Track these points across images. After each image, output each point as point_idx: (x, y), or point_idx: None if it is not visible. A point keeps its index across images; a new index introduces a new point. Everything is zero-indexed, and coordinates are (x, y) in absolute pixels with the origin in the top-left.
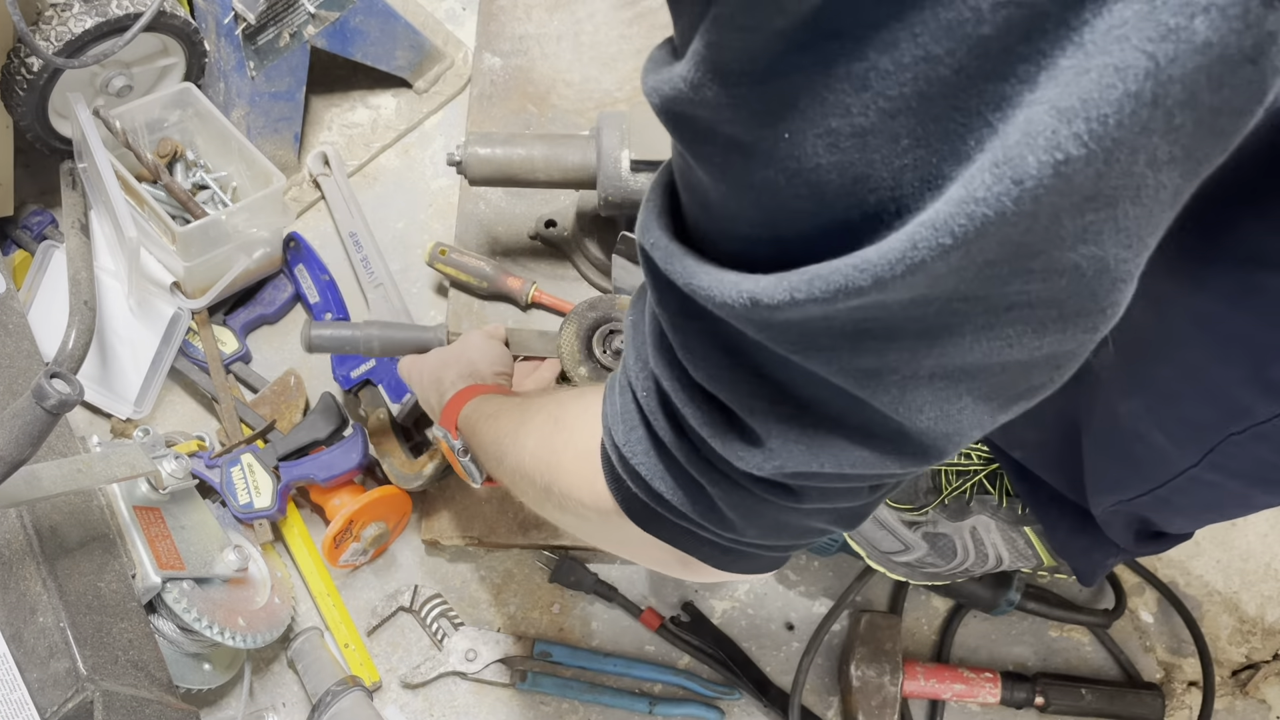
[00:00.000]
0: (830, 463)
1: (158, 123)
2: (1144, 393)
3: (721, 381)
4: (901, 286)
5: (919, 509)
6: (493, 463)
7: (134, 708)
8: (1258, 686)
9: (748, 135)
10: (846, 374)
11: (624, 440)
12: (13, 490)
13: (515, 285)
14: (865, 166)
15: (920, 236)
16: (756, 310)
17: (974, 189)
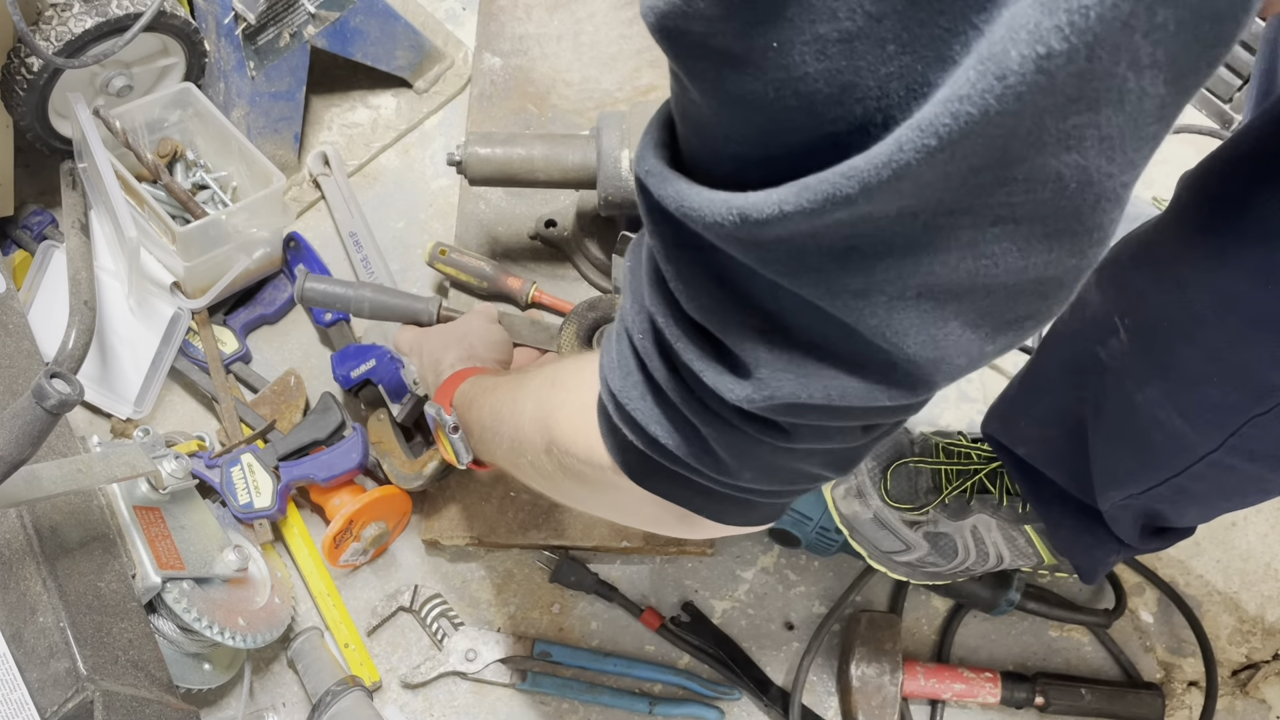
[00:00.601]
0: (819, 393)
1: (158, 123)
2: (1163, 378)
3: (712, 312)
4: (889, 194)
5: (920, 508)
6: (488, 436)
7: (134, 708)
8: (1258, 686)
9: (738, 46)
10: (834, 295)
11: (620, 386)
12: (13, 490)
13: (515, 285)
14: (852, 74)
15: (906, 139)
16: (745, 227)
17: (958, 88)
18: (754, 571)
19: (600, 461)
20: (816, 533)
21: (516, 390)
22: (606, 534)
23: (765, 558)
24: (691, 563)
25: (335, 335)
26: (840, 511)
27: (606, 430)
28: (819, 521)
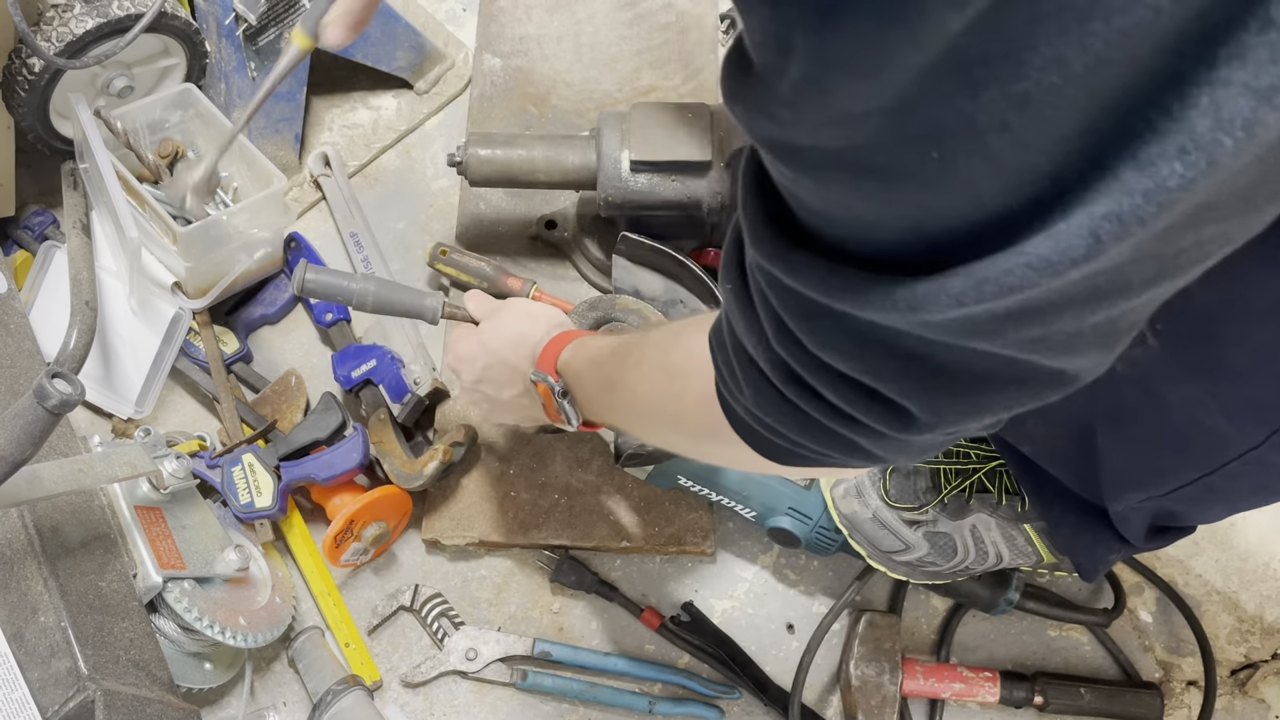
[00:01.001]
0: (987, 416)
1: (159, 123)
2: (1205, 376)
3: (865, 369)
4: (1079, 276)
5: (919, 508)
6: (601, 405)
7: (135, 707)
8: (1256, 686)
9: (886, 159)
10: (1009, 346)
11: (753, 402)
12: (14, 490)
13: (515, 285)
14: (1027, 168)
15: (1104, 230)
16: (913, 315)
17: (1162, 177)
18: (754, 571)
19: (734, 443)
20: (816, 532)
21: (624, 370)
22: (606, 534)
23: (765, 558)
24: (691, 563)
25: (336, 335)
26: (840, 511)
27: (741, 429)
28: (818, 521)
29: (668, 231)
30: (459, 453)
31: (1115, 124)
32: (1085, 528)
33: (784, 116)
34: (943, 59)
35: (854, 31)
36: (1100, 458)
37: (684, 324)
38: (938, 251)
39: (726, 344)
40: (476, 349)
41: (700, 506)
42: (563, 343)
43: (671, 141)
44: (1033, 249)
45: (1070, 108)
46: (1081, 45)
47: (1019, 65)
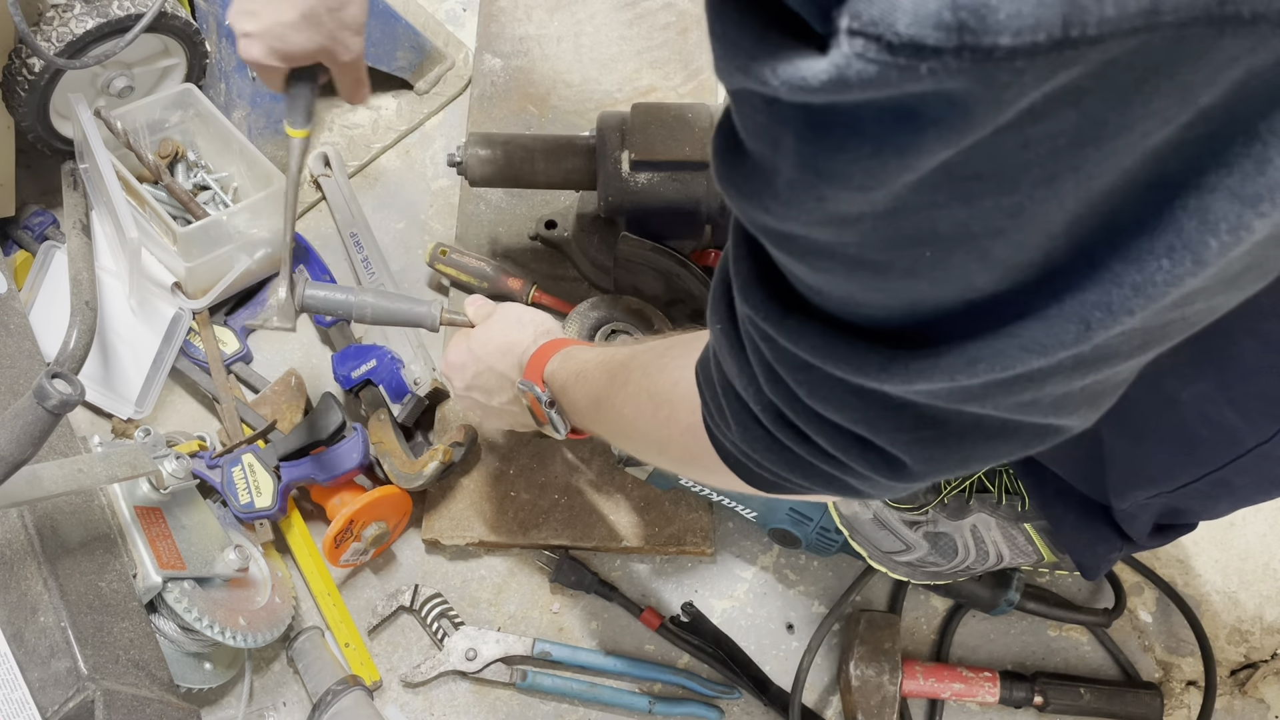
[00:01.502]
0: (978, 465)
1: (159, 123)
2: (1216, 373)
3: (859, 420)
4: (1071, 353)
5: (919, 508)
6: (588, 419)
7: (135, 707)
8: (1256, 686)
9: (879, 257)
10: (1000, 409)
11: (741, 439)
12: (14, 490)
13: (515, 285)
14: (1019, 262)
15: (1094, 318)
16: (908, 386)
17: (1150, 272)
18: (754, 571)
19: (721, 471)
20: (817, 533)
21: (610, 390)
22: (606, 534)
23: (765, 558)
24: (691, 563)
25: (336, 335)
26: (840, 512)
27: (728, 460)
28: (819, 522)
29: (667, 232)
30: (459, 453)
31: (1104, 220)
32: (1086, 526)
33: (776, 210)
34: (937, 173)
35: (850, 152)
36: (1106, 456)
37: (669, 345)
38: (930, 328)
39: (715, 381)
40: (466, 356)
41: (700, 506)
42: (549, 352)
43: (671, 141)
44: (1026, 332)
45: (1060, 211)
46: (1072, 166)
47: (1013, 181)
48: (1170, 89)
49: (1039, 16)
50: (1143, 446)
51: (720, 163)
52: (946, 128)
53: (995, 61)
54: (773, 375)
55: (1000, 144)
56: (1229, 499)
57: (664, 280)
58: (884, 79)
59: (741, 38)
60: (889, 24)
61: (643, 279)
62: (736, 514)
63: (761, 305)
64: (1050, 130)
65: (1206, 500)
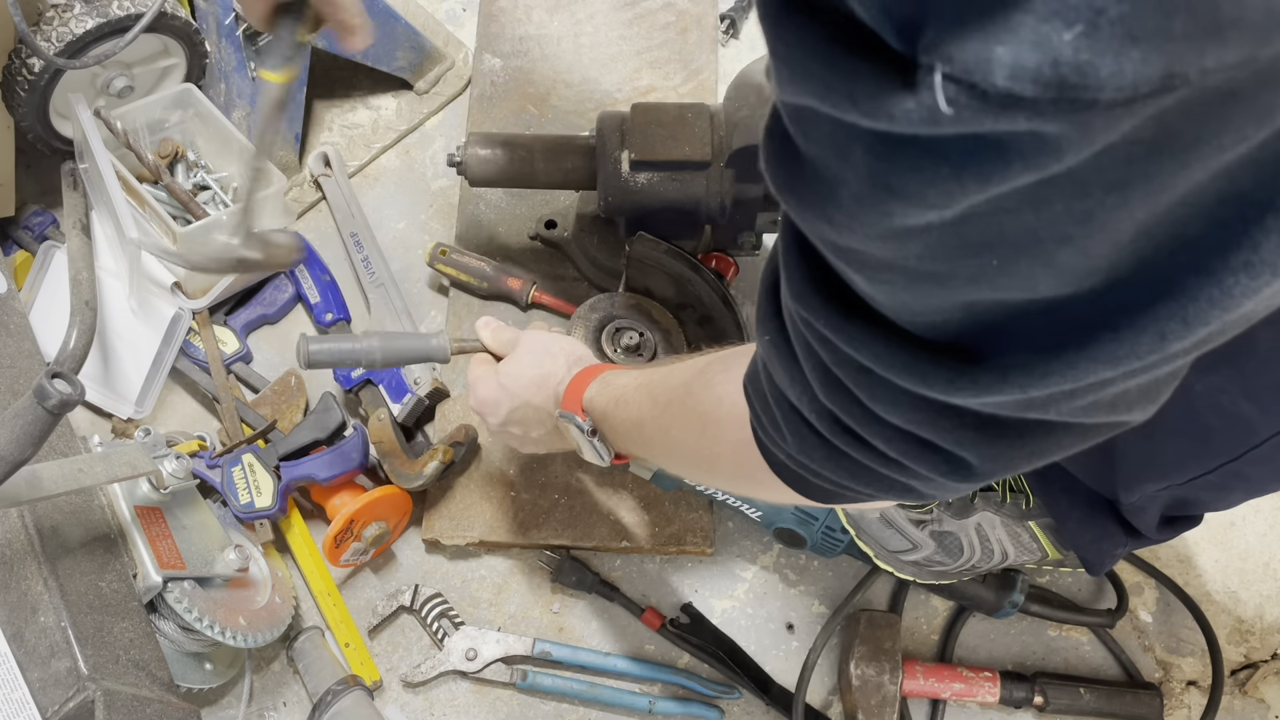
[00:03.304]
0: (1042, 462)
1: (159, 123)
2: (1231, 363)
3: (921, 423)
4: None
5: (924, 507)
6: (632, 443)
7: (135, 707)
8: (1256, 686)
9: (942, 268)
10: (1063, 415)
11: (797, 449)
12: (14, 490)
13: (515, 285)
14: (1085, 270)
15: (1170, 330)
16: (975, 399)
17: (1227, 286)
18: (754, 571)
19: (772, 485)
20: (822, 533)
21: (653, 413)
22: (607, 534)
23: (765, 558)
24: (692, 563)
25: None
26: (847, 511)
27: (782, 472)
28: (824, 521)
29: (667, 232)
30: (459, 453)
31: (1171, 231)
32: (1092, 522)
33: (839, 221)
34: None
35: (927, 174)
36: (1116, 449)
37: (709, 362)
38: (995, 339)
39: (766, 393)
40: (498, 393)
41: (700, 506)
42: (586, 380)
43: (671, 141)
44: (1095, 344)
45: (1129, 221)
46: (1145, 174)
47: (1085, 187)
48: (1250, 110)
49: (1140, 74)
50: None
51: (775, 168)
52: (1035, 162)
53: (1095, 112)
54: (829, 380)
55: (1080, 161)
56: (1242, 489)
57: (675, 284)
58: (975, 121)
59: (812, 63)
60: (985, 74)
61: (655, 280)
62: (737, 514)
63: (821, 310)
64: (1129, 139)
65: (1218, 491)
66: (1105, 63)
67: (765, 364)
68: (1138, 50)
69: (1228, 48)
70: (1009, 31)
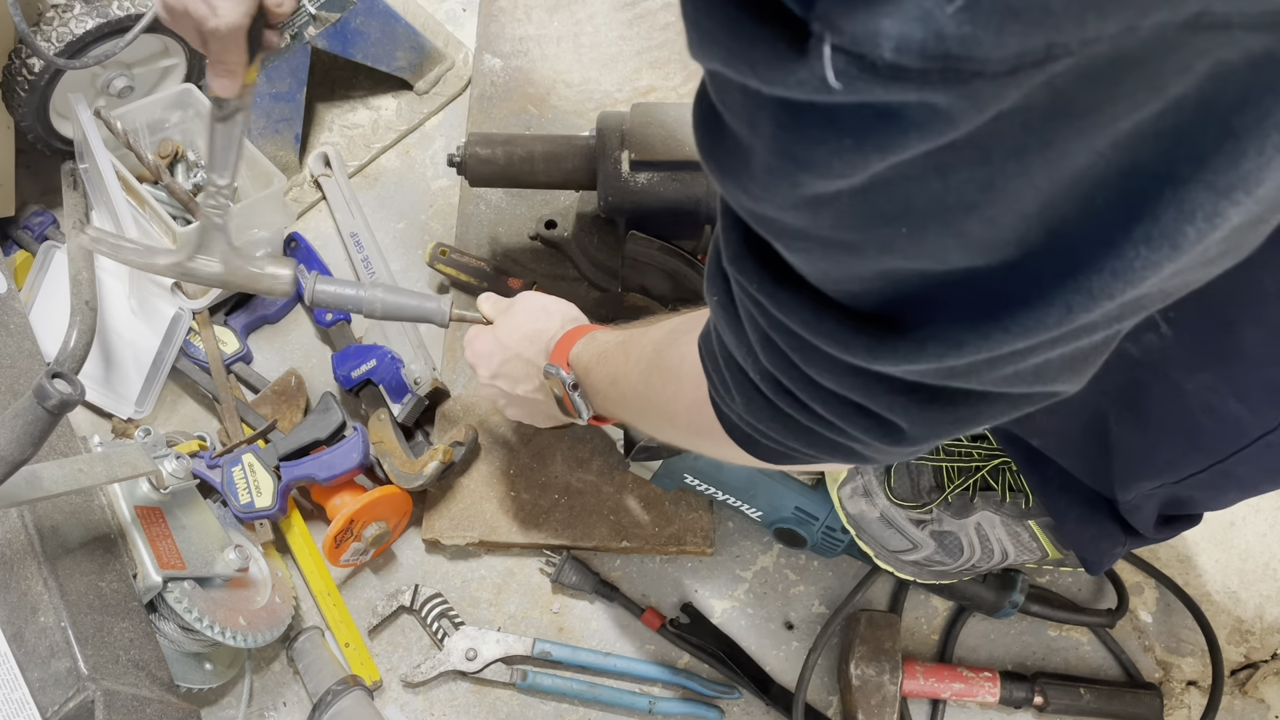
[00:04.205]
0: (973, 428)
1: (159, 123)
2: (1219, 362)
3: (853, 388)
4: (1052, 335)
5: (923, 506)
6: (608, 399)
7: (135, 707)
8: (1256, 686)
9: (854, 237)
10: (986, 384)
11: (745, 409)
12: (14, 490)
13: (515, 285)
14: (994, 241)
15: (1075, 302)
16: (896, 367)
17: (1128, 260)
18: (754, 571)
19: (724, 443)
20: (823, 533)
21: (626, 367)
22: (607, 534)
23: (765, 558)
24: (691, 562)
25: (336, 335)
26: (847, 511)
27: (732, 431)
28: (825, 521)
29: (667, 232)
30: (459, 453)
31: (1078, 204)
32: (1091, 521)
33: (753, 191)
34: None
35: (830, 144)
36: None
37: (680, 322)
38: (913, 309)
39: (716, 353)
40: (493, 345)
41: (700, 506)
42: (576, 336)
43: (671, 141)
44: (1008, 315)
45: (1031, 189)
46: (1043, 140)
47: (985, 153)
48: (1140, 75)
49: (1024, 45)
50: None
51: (702, 135)
52: (930, 130)
53: (981, 82)
54: (768, 343)
55: (977, 128)
56: (1235, 489)
57: (671, 280)
58: (867, 91)
59: (716, 28)
60: (872, 46)
61: (650, 278)
62: (737, 514)
63: (753, 275)
64: (1024, 105)
65: (1212, 490)
66: (987, 35)
67: (715, 326)
68: (1018, 23)
69: (1107, 18)
70: (894, 5)
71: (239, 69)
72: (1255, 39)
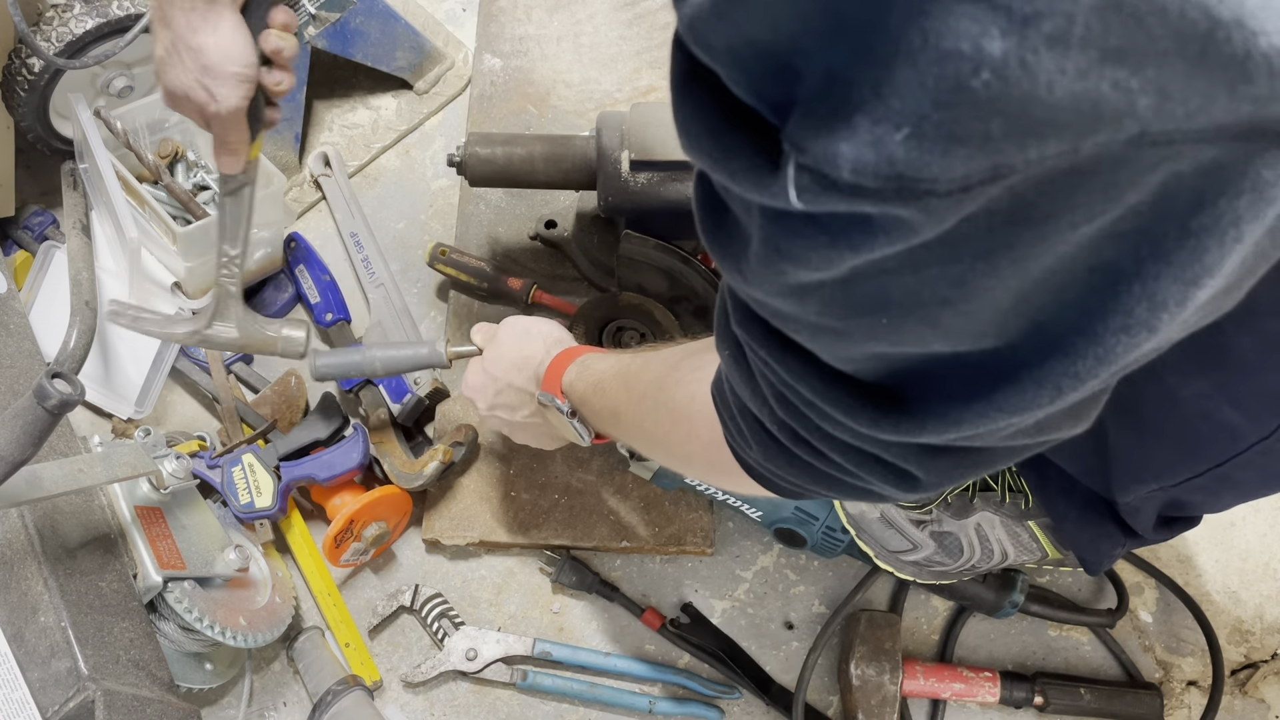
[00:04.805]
0: (987, 472)
1: (159, 123)
2: (1214, 370)
3: (868, 444)
4: (1046, 412)
5: (923, 507)
6: (609, 429)
7: (135, 707)
8: (1256, 686)
9: (837, 325)
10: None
11: (762, 456)
12: (14, 490)
13: (515, 286)
14: (971, 332)
15: (1065, 384)
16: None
17: (1109, 346)
18: (754, 571)
19: (743, 480)
20: (823, 533)
21: (628, 403)
22: (606, 534)
23: (765, 558)
24: (691, 562)
25: (336, 335)
26: (847, 512)
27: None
28: (825, 521)
29: (667, 232)
30: (459, 453)
31: (1052, 298)
32: (1090, 522)
33: (747, 275)
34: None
35: (807, 240)
36: (1110, 450)
37: (681, 357)
38: (910, 389)
39: (730, 404)
40: (483, 377)
41: (700, 506)
42: (565, 362)
43: (671, 141)
44: (1000, 396)
45: (1002, 288)
46: (1007, 243)
47: (955, 250)
48: (1094, 186)
49: (969, 167)
50: (1146, 441)
51: (704, 218)
52: (896, 236)
53: (935, 199)
54: (782, 399)
55: (945, 231)
56: (1232, 493)
57: (668, 278)
58: (833, 204)
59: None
60: (832, 167)
61: (646, 277)
62: (737, 514)
63: (761, 340)
64: (987, 210)
65: (1210, 494)
66: (934, 160)
67: (728, 378)
68: (963, 149)
69: (1046, 142)
70: (850, 130)
71: (242, 147)
72: (1202, 151)
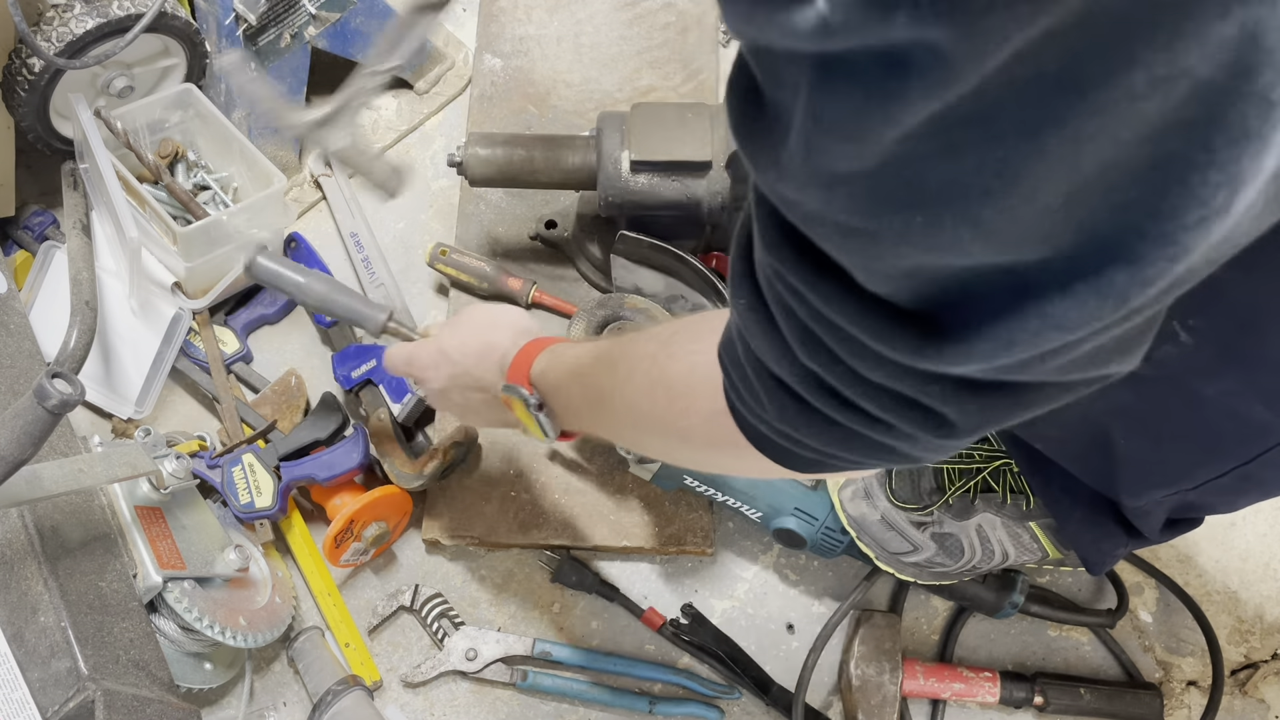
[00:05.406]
0: (1025, 416)
1: (159, 123)
2: (1243, 367)
3: (903, 380)
4: (1101, 324)
5: (924, 508)
6: (588, 418)
7: (135, 707)
8: (1256, 686)
9: (867, 222)
10: (1038, 375)
11: (778, 417)
12: (14, 490)
13: (516, 286)
14: (1016, 235)
15: (1133, 293)
16: (943, 368)
17: (1184, 243)
18: (754, 571)
19: (747, 453)
20: (822, 533)
21: (614, 383)
22: (607, 534)
23: (765, 558)
24: (691, 562)
25: (336, 335)
26: (848, 513)
27: (758, 440)
28: (824, 522)
29: (668, 232)
30: (459, 453)
31: (1109, 198)
32: (1094, 522)
33: (784, 163)
34: (924, 124)
35: (842, 97)
36: (1119, 457)
37: (674, 331)
38: (954, 310)
39: (742, 361)
40: (438, 357)
41: (700, 506)
42: (534, 352)
43: (671, 141)
44: (1060, 314)
45: (1049, 177)
46: (1056, 118)
47: (997, 129)
48: (1150, 41)
49: None
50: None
51: (739, 115)
52: (931, 78)
53: (971, 11)
54: (809, 338)
55: (984, 90)
56: (1255, 492)
57: (664, 277)
58: (864, 26)
59: None
60: None
61: (643, 277)
62: (737, 514)
63: (794, 264)
64: (1032, 72)
65: (1229, 495)
66: None
67: (741, 330)
68: None
69: None
70: None
71: None
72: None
